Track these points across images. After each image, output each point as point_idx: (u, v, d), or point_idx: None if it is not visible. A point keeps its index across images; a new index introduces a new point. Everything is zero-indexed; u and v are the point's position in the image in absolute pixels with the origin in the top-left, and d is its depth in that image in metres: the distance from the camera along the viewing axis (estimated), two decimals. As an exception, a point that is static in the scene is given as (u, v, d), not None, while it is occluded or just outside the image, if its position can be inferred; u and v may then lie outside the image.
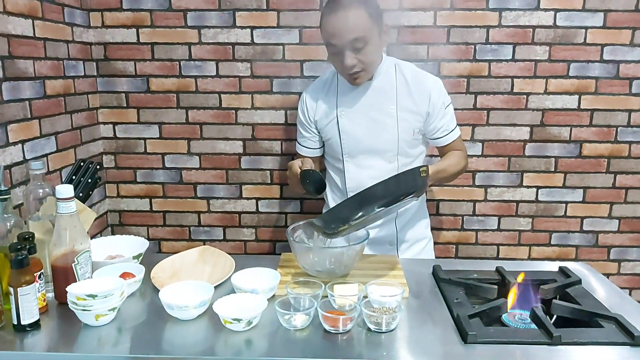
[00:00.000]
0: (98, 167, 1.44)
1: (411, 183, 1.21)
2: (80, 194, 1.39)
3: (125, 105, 2.14)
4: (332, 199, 1.68)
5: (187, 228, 2.26)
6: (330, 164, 1.67)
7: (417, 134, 1.56)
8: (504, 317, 1.15)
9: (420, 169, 1.22)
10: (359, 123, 1.54)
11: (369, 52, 1.40)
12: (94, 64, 2.09)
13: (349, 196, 1.57)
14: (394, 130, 1.52)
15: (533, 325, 1.08)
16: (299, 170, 1.40)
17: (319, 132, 1.63)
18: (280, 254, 1.46)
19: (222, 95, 2.12)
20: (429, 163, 1.57)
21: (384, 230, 1.63)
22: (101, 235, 2.15)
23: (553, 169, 2.15)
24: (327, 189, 1.69)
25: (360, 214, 1.16)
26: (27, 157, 1.63)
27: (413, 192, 1.22)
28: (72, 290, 1.07)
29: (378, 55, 1.48)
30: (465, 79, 2.07)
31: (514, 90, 2.08)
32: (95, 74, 2.10)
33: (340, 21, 1.36)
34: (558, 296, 1.24)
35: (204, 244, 2.20)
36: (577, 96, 2.08)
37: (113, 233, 2.25)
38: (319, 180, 1.37)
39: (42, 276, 1.10)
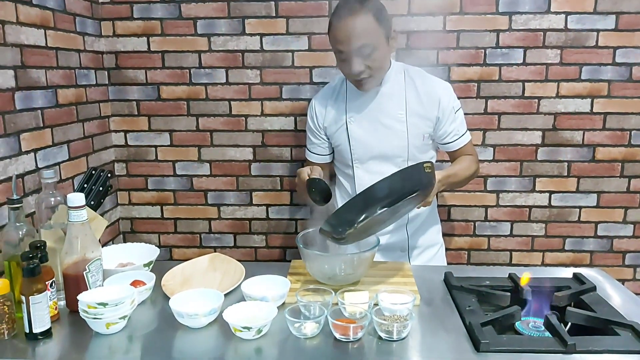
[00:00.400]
0: (109, 175, 1.45)
1: (415, 178, 1.18)
2: (92, 202, 1.40)
3: (136, 113, 2.15)
4: (340, 204, 1.67)
5: (198, 235, 2.27)
6: (340, 170, 1.66)
7: (427, 139, 1.55)
8: (518, 325, 1.13)
9: (424, 164, 1.19)
10: (368, 129, 1.53)
11: (376, 58, 1.40)
12: (106, 72, 2.11)
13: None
14: (403, 136, 1.52)
15: (547, 333, 1.07)
16: (307, 178, 1.40)
17: (328, 139, 1.63)
18: (290, 261, 1.46)
19: (232, 103, 2.13)
20: (439, 168, 1.56)
21: (395, 236, 1.62)
22: (113, 243, 2.16)
23: (566, 174, 2.13)
24: (337, 196, 1.68)
25: (364, 215, 1.14)
26: (39, 166, 1.65)
27: (418, 189, 1.19)
28: (83, 298, 1.07)
29: (386, 62, 1.47)
30: (476, 84, 2.06)
31: (525, 95, 2.07)
32: (107, 83, 2.12)
33: (347, 28, 1.36)
34: (572, 303, 1.21)
35: (215, 251, 2.20)
36: (589, 100, 2.06)
37: (125, 240, 2.26)
38: (325, 190, 1.36)
39: (53, 284, 1.11)
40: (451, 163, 1.63)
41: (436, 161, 1.67)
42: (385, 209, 1.15)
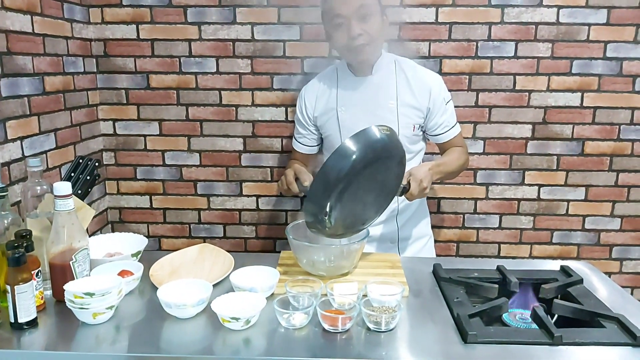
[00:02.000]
0: (97, 164, 1.44)
1: (372, 142, 1.14)
2: (79, 191, 1.38)
3: (125, 102, 2.13)
4: None
5: (188, 225, 2.26)
6: None
7: (418, 129, 1.55)
8: (505, 316, 1.14)
9: (379, 126, 1.16)
10: (360, 118, 1.52)
11: (374, 24, 1.42)
12: (94, 60, 2.08)
13: None
14: (394, 126, 1.51)
15: (534, 325, 1.08)
16: (296, 189, 1.40)
17: (317, 129, 1.63)
18: (280, 252, 1.45)
19: (222, 92, 2.11)
20: (429, 160, 1.56)
21: (385, 227, 1.62)
22: (101, 232, 2.15)
23: (555, 167, 2.14)
24: None
25: (333, 192, 1.12)
26: (25, 154, 1.62)
27: (382, 157, 1.16)
28: (70, 288, 1.06)
29: (381, 34, 1.48)
30: (467, 76, 2.06)
31: (516, 88, 2.07)
32: (95, 71, 2.09)
33: None
34: (559, 295, 1.23)
35: (204, 241, 2.19)
36: (579, 94, 2.07)
37: (113, 230, 2.24)
38: None
39: (39, 274, 1.09)
40: (441, 155, 1.63)
41: (426, 153, 1.67)
42: (353, 186, 1.14)
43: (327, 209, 1.16)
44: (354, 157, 1.14)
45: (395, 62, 1.56)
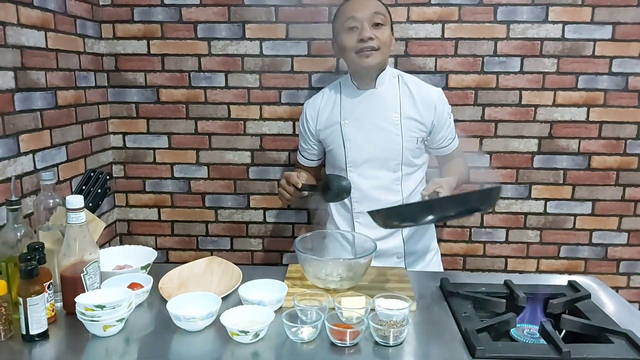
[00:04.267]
0: (108, 177, 1.46)
1: (486, 202, 1.22)
2: (90, 204, 1.40)
3: (135, 116, 2.16)
4: (336, 212, 1.67)
5: (195, 238, 2.27)
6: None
7: (420, 143, 1.57)
8: (513, 331, 1.14)
9: (494, 189, 1.20)
10: (364, 131, 1.55)
11: (385, 33, 1.48)
12: (105, 74, 2.12)
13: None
14: (398, 139, 1.53)
15: (542, 340, 1.07)
16: (300, 184, 1.42)
17: (320, 143, 1.65)
18: (287, 265, 1.46)
19: (230, 106, 2.13)
20: (428, 173, 1.59)
21: (391, 242, 1.62)
22: (110, 244, 2.16)
23: (561, 181, 2.14)
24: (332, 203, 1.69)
25: (429, 218, 1.19)
26: (37, 167, 1.65)
27: (482, 209, 1.26)
28: (81, 300, 1.08)
29: (390, 46, 1.53)
30: (473, 91, 2.08)
31: (522, 103, 2.08)
32: (106, 85, 2.13)
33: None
34: (567, 310, 1.22)
35: (212, 254, 2.19)
36: (585, 108, 2.08)
37: (121, 242, 2.26)
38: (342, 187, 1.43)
39: (51, 286, 1.11)
40: (440, 165, 1.67)
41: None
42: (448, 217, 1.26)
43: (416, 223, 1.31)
44: (470, 207, 1.19)
45: (399, 76, 1.59)
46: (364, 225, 1.59)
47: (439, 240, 1.79)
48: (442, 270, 1.75)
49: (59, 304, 1.18)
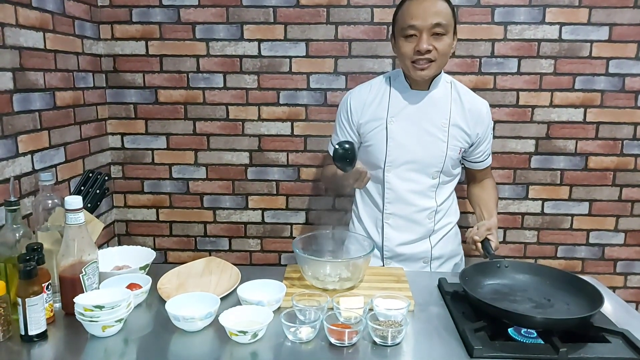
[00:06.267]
0: (106, 178, 1.46)
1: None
2: (89, 205, 1.40)
3: (133, 116, 2.16)
4: (363, 211, 1.62)
5: (193, 238, 2.27)
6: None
7: (461, 153, 1.53)
8: (511, 331, 1.14)
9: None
10: (409, 132, 1.49)
11: (445, 43, 1.40)
12: (103, 75, 2.12)
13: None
14: (443, 146, 1.49)
15: (539, 340, 1.08)
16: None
17: (359, 137, 1.56)
18: (285, 265, 1.47)
19: (229, 107, 2.14)
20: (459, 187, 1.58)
21: (419, 247, 1.58)
22: (108, 245, 2.16)
23: (559, 182, 2.15)
24: (359, 199, 1.63)
25: None
26: (36, 168, 1.65)
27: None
28: (80, 301, 1.08)
29: (448, 55, 1.45)
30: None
31: (520, 103, 2.09)
32: (105, 86, 2.13)
33: (427, 3, 1.37)
34: (564, 310, 1.23)
35: (210, 254, 2.21)
36: (582, 109, 2.09)
37: (120, 243, 2.26)
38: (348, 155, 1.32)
39: (49, 287, 1.11)
40: (469, 181, 1.67)
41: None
42: None
43: None
44: None
45: (452, 82, 1.53)
46: (393, 228, 1.55)
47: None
48: None
49: (58, 305, 1.18)
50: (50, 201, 1.24)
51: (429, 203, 1.54)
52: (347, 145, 1.29)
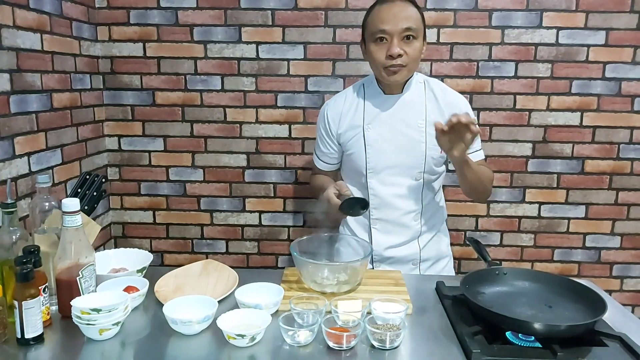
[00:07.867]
0: (104, 180, 1.45)
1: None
2: (86, 207, 1.40)
3: (130, 118, 2.15)
4: (351, 217, 1.62)
5: (190, 241, 2.27)
6: (352, 179, 1.59)
7: (443, 152, 1.50)
8: (508, 334, 1.14)
9: None
10: (387, 137, 1.49)
11: (415, 48, 1.41)
12: (101, 77, 2.11)
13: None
14: (422, 147, 1.49)
15: (537, 344, 1.08)
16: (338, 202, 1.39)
17: (340, 146, 1.58)
18: (283, 268, 1.46)
19: (226, 109, 2.14)
20: (446, 185, 1.57)
21: (407, 249, 1.58)
22: (104, 247, 2.15)
23: (555, 185, 2.16)
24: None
25: None
26: (32, 170, 1.64)
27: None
28: (77, 304, 1.07)
29: (418, 60, 1.45)
30: (468, 95, 2.09)
31: (517, 107, 2.10)
32: (102, 87, 2.12)
33: (397, 9, 1.38)
34: (562, 314, 1.23)
35: (207, 257, 2.20)
36: (579, 113, 2.10)
37: (116, 245, 2.25)
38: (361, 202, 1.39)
39: (46, 289, 1.10)
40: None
41: (447, 171, 1.64)
42: None
43: None
44: None
45: (425, 81, 1.54)
46: (381, 232, 1.56)
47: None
48: (454, 275, 1.73)
49: (55, 308, 1.18)
50: (47, 203, 1.23)
51: (415, 205, 1.54)
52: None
